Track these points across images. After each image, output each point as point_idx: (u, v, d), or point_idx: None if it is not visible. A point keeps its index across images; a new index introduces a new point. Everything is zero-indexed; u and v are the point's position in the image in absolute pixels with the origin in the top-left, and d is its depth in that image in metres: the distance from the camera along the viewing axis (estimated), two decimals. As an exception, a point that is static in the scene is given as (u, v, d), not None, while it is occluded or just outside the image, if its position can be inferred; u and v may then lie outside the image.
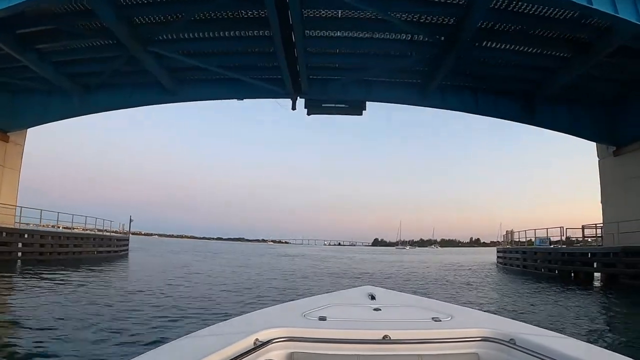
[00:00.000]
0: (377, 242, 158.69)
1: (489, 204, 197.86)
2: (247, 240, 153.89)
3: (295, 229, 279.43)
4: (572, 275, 16.10)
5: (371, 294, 2.44)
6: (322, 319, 1.90)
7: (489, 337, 1.78)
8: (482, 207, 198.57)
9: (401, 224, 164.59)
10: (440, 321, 1.91)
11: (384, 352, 1.71)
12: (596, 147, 17.62)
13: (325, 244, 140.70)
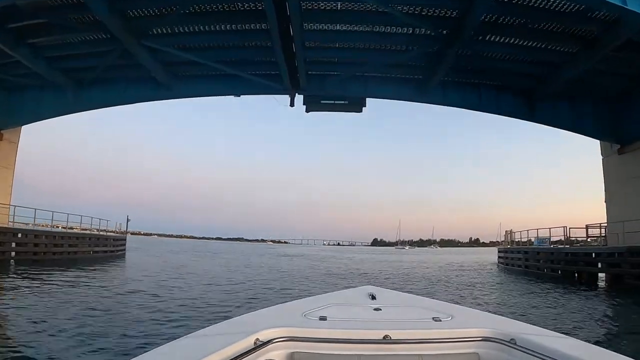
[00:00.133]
0: (377, 242, 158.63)
1: (489, 204, 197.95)
2: (247, 240, 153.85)
3: (294, 229, 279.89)
4: (575, 275, 15.83)
5: (371, 293, 2.44)
6: (323, 318, 1.90)
7: (490, 337, 1.78)
8: (481, 207, 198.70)
9: (400, 223, 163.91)
10: (440, 321, 1.91)
11: (384, 352, 1.72)
12: (600, 145, 17.31)
13: (324, 244, 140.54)
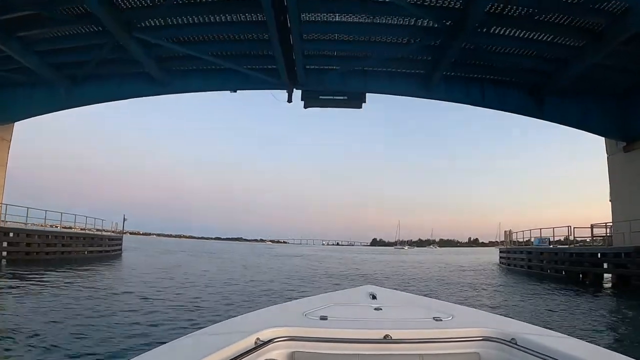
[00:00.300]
0: (376, 242, 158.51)
1: (488, 204, 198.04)
2: (246, 240, 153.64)
3: (293, 228, 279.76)
4: (580, 276, 15.47)
5: (372, 293, 2.43)
6: (323, 318, 1.90)
7: (490, 336, 1.77)
8: (480, 208, 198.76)
9: (400, 223, 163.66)
10: (441, 321, 1.90)
11: (385, 351, 1.71)
12: (605, 143, 16.95)
13: (323, 244, 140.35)
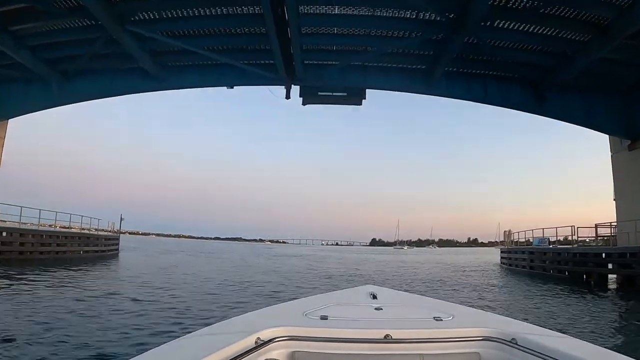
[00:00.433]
0: (375, 242, 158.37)
1: (487, 205, 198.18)
2: (245, 240, 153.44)
3: (293, 228, 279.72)
4: (584, 277, 15.16)
5: (372, 293, 2.42)
6: (324, 318, 1.89)
7: (491, 336, 1.76)
8: (479, 207, 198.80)
9: (399, 223, 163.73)
10: (441, 320, 1.89)
11: (385, 351, 1.71)
12: (609, 141, 16.66)
13: (322, 244, 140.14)
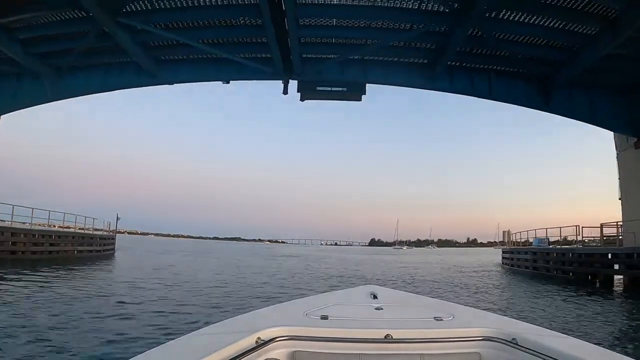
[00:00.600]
0: (374, 242, 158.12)
1: (486, 205, 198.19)
2: (244, 239, 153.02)
3: (291, 228, 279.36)
4: (589, 277, 14.80)
5: (373, 293, 2.41)
6: (324, 317, 1.89)
7: (491, 336, 1.75)
8: (478, 208, 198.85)
9: (398, 223, 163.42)
10: (442, 320, 1.88)
11: (385, 351, 1.69)
12: (614, 139, 16.31)
13: (321, 244, 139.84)
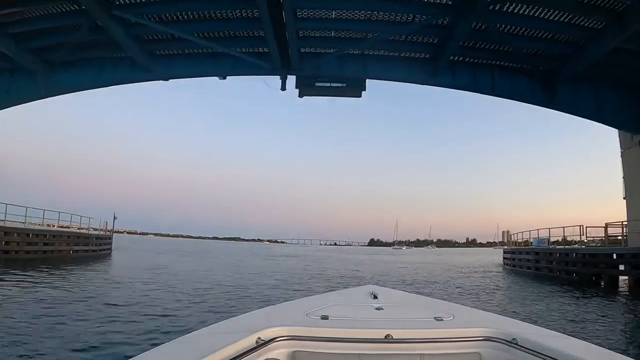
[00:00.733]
0: (374, 242, 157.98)
1: (485, 205, 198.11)
2: (243, 239, 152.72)
3: (291, 228, 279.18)
4: (593, 278, 14.49)
5: (373, 293, 2.41)
6: (325, 317, 1.88)
7: (491, 336, 1.75)
8: (478, 208, 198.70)
9: (397, 223, 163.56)
10: (442, 320, 1.88)
11: (386, 351, 1.69)
12: (619, 137, 16.03)
13: (321, 244, 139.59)
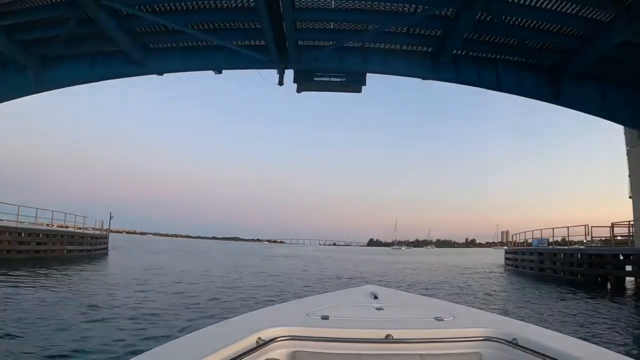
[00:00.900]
0: (373, 242, 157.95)
1: (485, 205, 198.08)
2: (242, 239, 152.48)
3: (290, 228, 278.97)
4: (599, 280, 14.10)
5: (374, 293, 2.39)
6: (325, 318, 1.87)
7: (492, 336, 1.74)
8: (477, 208, 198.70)
9: (397, 223, 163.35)
10: (442, 321, 1.87)
11: (386, 351, 1.69)
12: (624, 135, 15.70)
13: (320, 244, 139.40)
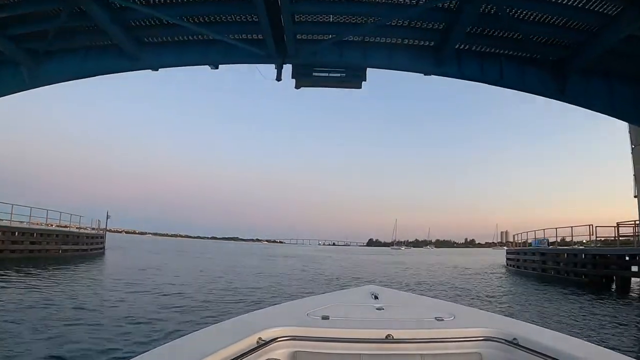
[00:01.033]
0: (372, 242, 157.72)
1: (484, 206, 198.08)
2: (242, 239, 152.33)
3: (290, 228, 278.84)
4: (603, 280, 13.80)
5: (374, 293, 2.41)
6: (325, 318, 1.88)
7: (492, 336, 1.75)
8: (477, 209, 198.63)
9: (396, 223, 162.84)
10: (443, 321, 1.88)
11: (387, 351, 1.69)
12: (629, 132, 15.42)
13: (319, 244, 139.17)
